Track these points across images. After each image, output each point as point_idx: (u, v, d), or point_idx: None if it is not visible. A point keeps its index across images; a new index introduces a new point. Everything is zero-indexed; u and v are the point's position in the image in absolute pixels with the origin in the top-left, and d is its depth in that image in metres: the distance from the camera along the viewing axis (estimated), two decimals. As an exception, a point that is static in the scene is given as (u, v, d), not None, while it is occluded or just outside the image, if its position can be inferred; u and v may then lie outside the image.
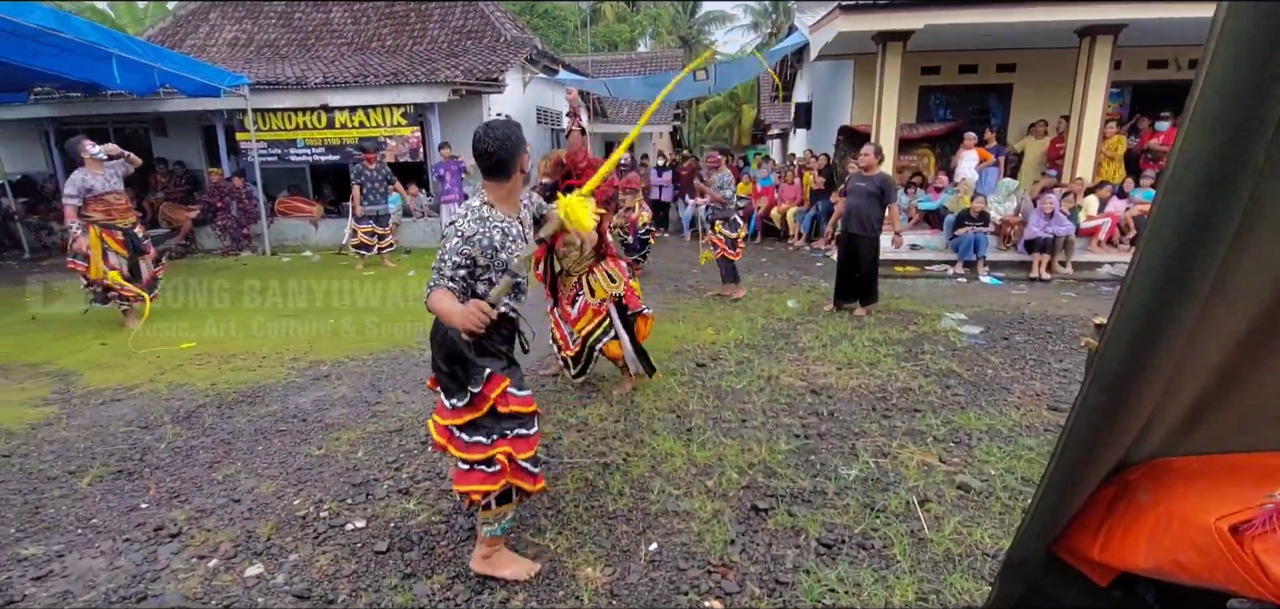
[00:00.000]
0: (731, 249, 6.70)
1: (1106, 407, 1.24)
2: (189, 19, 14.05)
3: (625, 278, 4.10)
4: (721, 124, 33.04)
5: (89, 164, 5.54)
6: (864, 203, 5.87)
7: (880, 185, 5.81)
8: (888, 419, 3.76)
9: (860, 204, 5.89)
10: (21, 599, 2.28)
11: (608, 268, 4.05)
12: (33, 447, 3.53)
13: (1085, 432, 1.28)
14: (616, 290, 4.02)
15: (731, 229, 6.70)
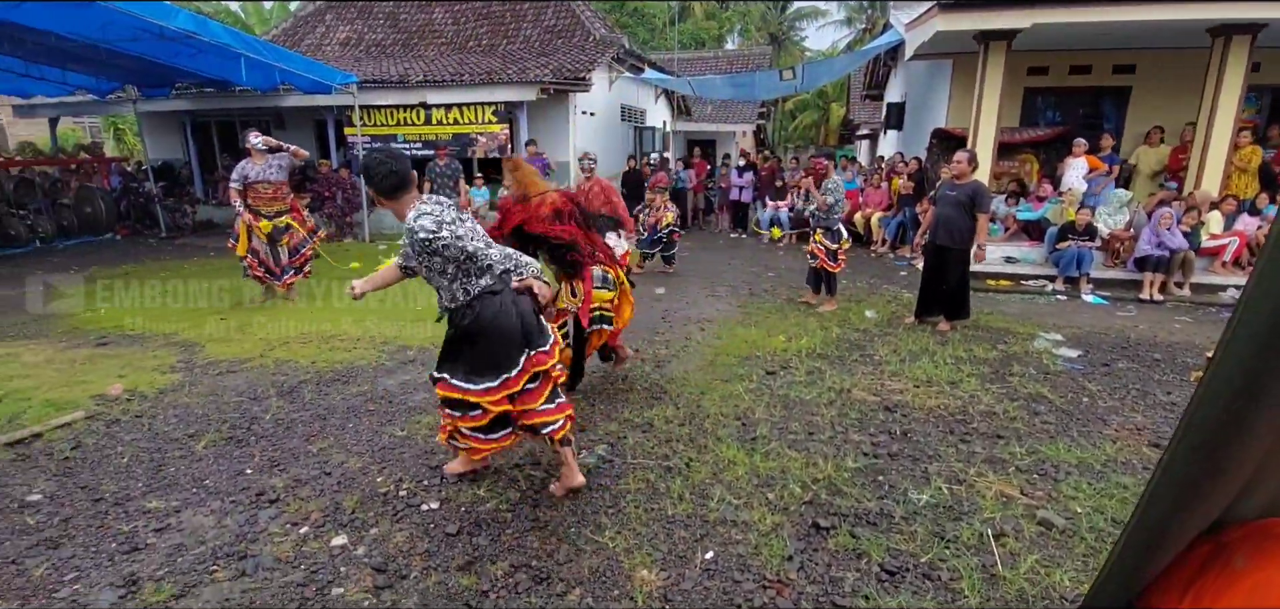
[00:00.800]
0: (831, 260, 6.43)
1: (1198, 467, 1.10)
2: (307, 20, 15.19)
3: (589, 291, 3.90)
4: (808, 123, 32.21)
5: (252, 154, 6.22)
6: (955, 212, 5.59)
7: (972, 194, 5.52)
8: (966, 444, 3.58)
9: (951, 213, 5.62)
10: (144, 547, 2.59)
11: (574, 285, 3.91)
12: (160, 410, 3.97)
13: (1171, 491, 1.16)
14: (574, 304, 3.92)
15: (832, 240, 6.40)
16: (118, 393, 4.17)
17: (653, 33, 28.51)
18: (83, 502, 2.92)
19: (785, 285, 7.80)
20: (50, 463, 3.28)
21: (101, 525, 2.74)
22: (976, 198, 5.51)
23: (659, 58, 18.90)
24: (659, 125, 16.85)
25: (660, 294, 7.39)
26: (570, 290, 3.91)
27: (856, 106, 21.08)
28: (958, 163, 5.68)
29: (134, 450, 3.42)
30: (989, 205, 5.63)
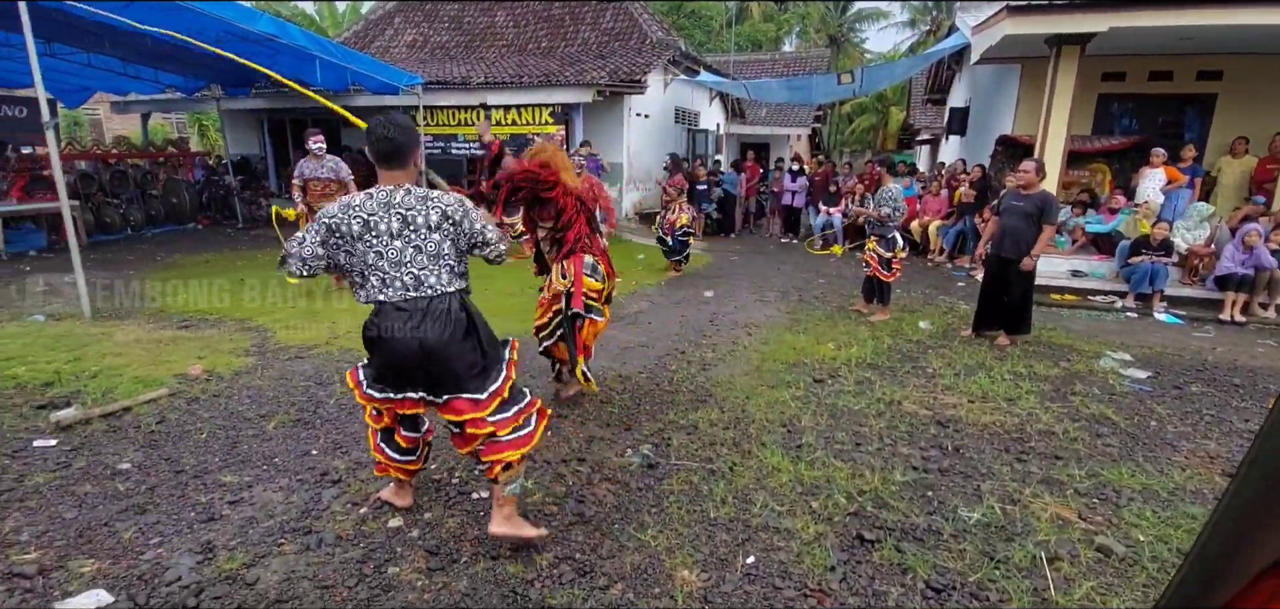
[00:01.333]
0: (885, 269, 6.30)
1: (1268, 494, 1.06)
2: (377, 23, 15.83)
3: (579, 275, 3.83)
4: (866, 127, 31.48)
5: (310, 154, 6.75)
6: (1021, 223, 5.40)
7: (1040, 205, 5.32)
8: (1022, 463, 3.47)
9: (1017, 224, 5.42)
10: (220, 518, 2.79)
11: (565, 264, 3.86)
12: (234, 390, 4.24)
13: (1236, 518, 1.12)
14: (565, 286, 3.85)
15: (886, 248, 6.27)
16: (197, 373, 4.47)
17: (709, 35, 28.43)
18: (166, 472, 3.16)
19: (836, 292, 7.68)
20: (138, 434, 3.55)
21: (182, 495, 2.96)
22: (1045, 209, 5.31)
23: (715, 60, 18.85)
24: (712, 128, 16.81)
25: (708, 297, 7.40)
26: (561, 272, 3.87)
27: (917, 111, 20.48)
28: (1024, 172, 5.48)
29: (211, 427, 3.67)
30: (1057, 217, 5.41)
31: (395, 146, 2.37)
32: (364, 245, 2.32)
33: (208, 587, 2.34)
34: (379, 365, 2.47)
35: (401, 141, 2.39)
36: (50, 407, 3.84)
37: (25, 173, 10.18)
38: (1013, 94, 10.03)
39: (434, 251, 2.36)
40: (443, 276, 2.38)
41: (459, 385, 2.40)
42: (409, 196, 2.36)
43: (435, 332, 2.33)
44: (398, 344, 2.34)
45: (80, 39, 8.63)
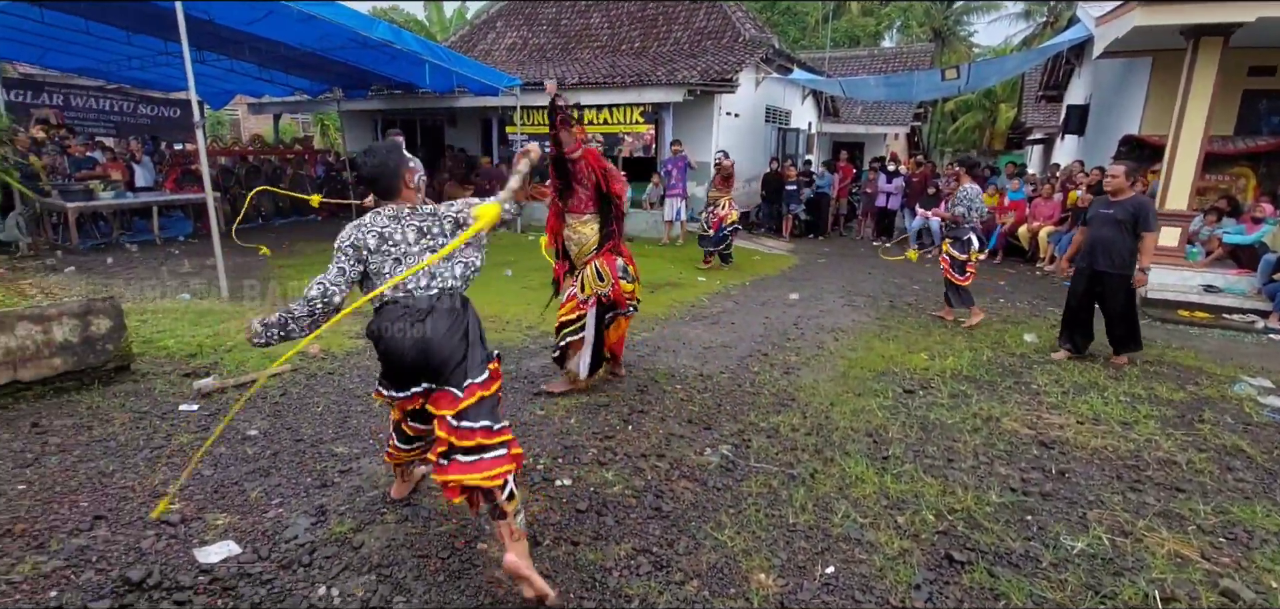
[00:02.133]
0: (958, 272, 6.16)
1: None
2: (481, 27, 16.61)
3: (615, 277, 4.04)
4: (971, 125, 29.66)
5: None
6: (1113, 233, 4.92)
7: (1135, 211, 4.83)
8: (1136, 493, 3.20)
9: (1109, 235, 4.94)
10: (331, 485, 3.06)
11: (600, 264, 4.04)
12: (346, 369, 4.61)
13: None
14: (603, 288, 4.02)
15: (960, 250, 6.14)
16: (315, 351, 4.89)
17: (804, 31, 27.75)
18: (287, 440, 3.49)
19: (932, 299, 7.33)
20: (265, 405, 3.95)
21: (300, 462, 3.27)
22: (1140, 215, 4.81)
23: (809, 57, 18.39)
24: (804, 127, 16.42)
25: (794, 299, 7.27)
26: (597, 274, 4.04)
27: (1029, 108, 19.09)
28: (1112, 176, 5.00)
29: (326, 401, 4.02)
30: (1156, 223, 4.88)
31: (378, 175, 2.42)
32: (380, 256, 2.38)
33: (320, 547, 2.58)
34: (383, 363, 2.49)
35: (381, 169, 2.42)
36: (194, 375, 4.33)
37: (177, 166, 11.45)
38: (1141, 90, 9.17)
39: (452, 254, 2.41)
40: (455, 270, 2.43)
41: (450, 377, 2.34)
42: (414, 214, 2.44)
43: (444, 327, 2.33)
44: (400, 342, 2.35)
45: (225, 47, 9.62)
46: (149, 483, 3.04)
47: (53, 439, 3.43)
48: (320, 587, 2.37)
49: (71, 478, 3.06)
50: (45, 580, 2.37)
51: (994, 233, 10.27)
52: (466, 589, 2.38)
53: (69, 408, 3.83)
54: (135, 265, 8.10)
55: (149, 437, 3.49)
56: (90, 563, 2.47)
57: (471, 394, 2.33)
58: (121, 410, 3.81)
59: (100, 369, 4.22)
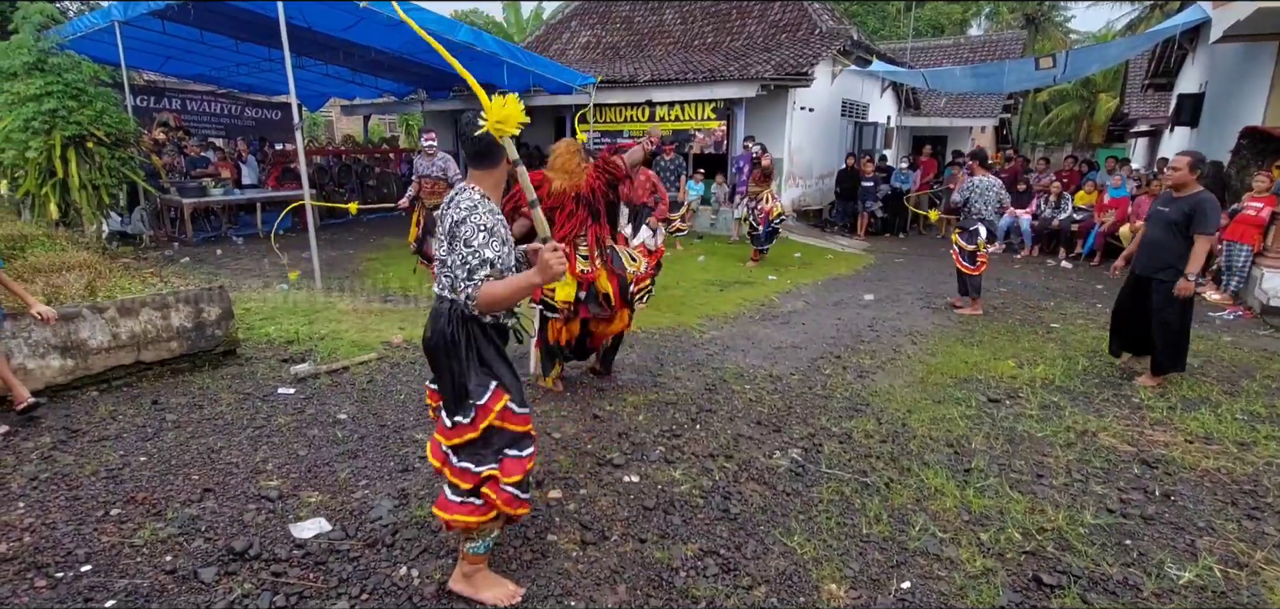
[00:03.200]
0: (969, 262, 6.27)
1: None
2: (556, 27, 16.93)
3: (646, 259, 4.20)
4: (1066, 117, 27.73)
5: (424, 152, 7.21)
6: (1164, 234, 4.36)
7: (1191, 210, 4.22)
8: (1254, 520, 2.92)
9: (1158, 236, 4.40)
10: (412, 470, 3.21)
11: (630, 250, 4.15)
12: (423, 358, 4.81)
13: None
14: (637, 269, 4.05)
15: (968, 240, 6.27)
16: (399, 341, 5.14)
17: (884, 21, 26.74)
18: (372, 425, 3.69)
19: (1021, 302, 6.93)
20: (353, 390, 4.18)
21: (385, 447, 3.45)
22: (1196, 214, 4.20)
23: (889, 47, 17.69)
24: (882, 120, 15.83)
25: (869, 300, 7.03)
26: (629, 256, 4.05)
27: (1134, 99, 17.65)
28: (1174, 170, 4.39)
29: (408, 390, 4.22)
30: (1213, 226, 4.21)
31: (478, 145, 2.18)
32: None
33: (402, 528, 2.72)
34: None
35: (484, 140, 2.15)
36: (291, 361, 4.65)
37: (279, 165, 12.30)
38: (1265, 78, 8.28)
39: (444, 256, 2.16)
40: (442, 281, 2.18)
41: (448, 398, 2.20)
42: (459, 195, 2.17)
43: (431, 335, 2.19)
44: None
45: (321, 53, 10.25)
46: (251, 460, 3.28)
47: (169, 416, 3.76)
48: (402, 567, 2.49)
49: (185, 452, 3.35)
50: (162, 546, 2.61)
51: (1092, 232, 9.57)
52: (538, 578, 2.44)
53: (183, 387, 4.18)
54: (241, 256, 8.77)
55: (252, 416, 3.77)
56: (200, 532, 2.70)
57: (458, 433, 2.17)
58: (228, 391, 4.14)
59: (210, 352, 4.60)
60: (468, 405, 2.14)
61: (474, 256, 2.03)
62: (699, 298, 6.90)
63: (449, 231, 2.11)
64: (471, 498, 2.18)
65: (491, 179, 2.23)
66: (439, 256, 2.19)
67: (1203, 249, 4.21)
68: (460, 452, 2.18)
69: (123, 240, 8.93)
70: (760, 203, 8.59)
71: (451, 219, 2.11)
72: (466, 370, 2.13)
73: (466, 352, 2.13)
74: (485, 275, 2.03)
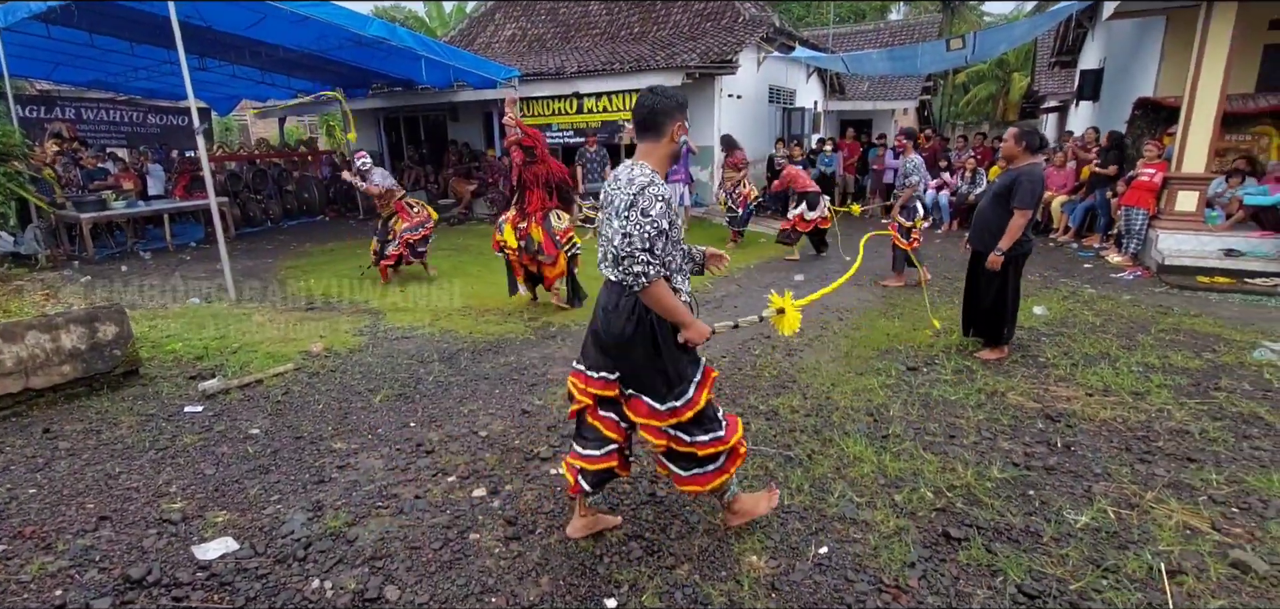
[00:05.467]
0: (906, 238, 6.49)
1: None
2: (479, 21, 16.56)
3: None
4: (983, 96, 29.10)
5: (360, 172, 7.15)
6: (989, 207, 4.38)
7: (1011, 183, 4.21)
8: (1146, 464, 3.13)
9: (985, 209, 4.44)
10: (329, 481, 3.08)
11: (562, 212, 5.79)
12: (348, 367, 4.64)
13: None
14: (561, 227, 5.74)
15: (907, 216, 6.47)
16: (319, 350, 4.93)
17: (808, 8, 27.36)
18: (287, 438, 3.52)
19: (939, 276, 7.22)
20: (267, 404, 3.98)
21: (299, 459, 3.29)
22: (1014, 187, 4.16)
23: (813, 34, 18.12)
24: (809, 106, 16.21)
25: (799, 281, 7.19)
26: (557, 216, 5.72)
27: (1043, 76, 18.68)
28: (1007, 140, 4.40)
29: (326, 399, 4.05)
30: (1029, 201, 4.11)
31: (644, 114, 2.18)
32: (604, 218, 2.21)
33: (315, 541, 2.60)
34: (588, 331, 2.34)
35: (649, 109, 2.17)
36: (199, 377, 4.39)
37: (187, 173, 11.59)
38: (1156, 51, 8.92)
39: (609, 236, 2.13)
40: (609, 263, 2.16)
41: (639, 386, 2.25)
42: (632, 171, 2.12)
43: (603, 321, 2.20)
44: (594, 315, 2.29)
45: (226, 53, 9.70)
46: (153, 483, 3.08)
47: (63, 444, 3.49)
48: (314, 580, 2.39)
49: (79, 480, 3.12)
50: (51, 580, 2.42)
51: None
52: (458, 579, 2.38)
53: (79, 413, 3.89)
54: (149, 272, 8.23)
55: (154, 438, 3.54)
56: (94, 562, 2.52)
57: (675, 415, 2.25)
58: (129, 414, 3.87)
59: (109, 374, 4.28)
60: (684, 385, 2.22)
61: (652, 227, 2.01)
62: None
63: (626, 205, 2.04)
64: (710, 465, 2.35)
65: (658, 154, 2.18)
66: (607, 235, 2.14)
67: (1017, 223, 4.13)
68: (692, 427, 2.27)
69: (15, 262, 8.24)
70: (739, 187, 9.07)
71: (625, 195, 2.06)
72: (675, 354, 2.19)
73: (667, 336, 2.16)
74: (663, 246, 2.04)
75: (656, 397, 2.23)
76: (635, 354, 2.19)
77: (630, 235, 2.01)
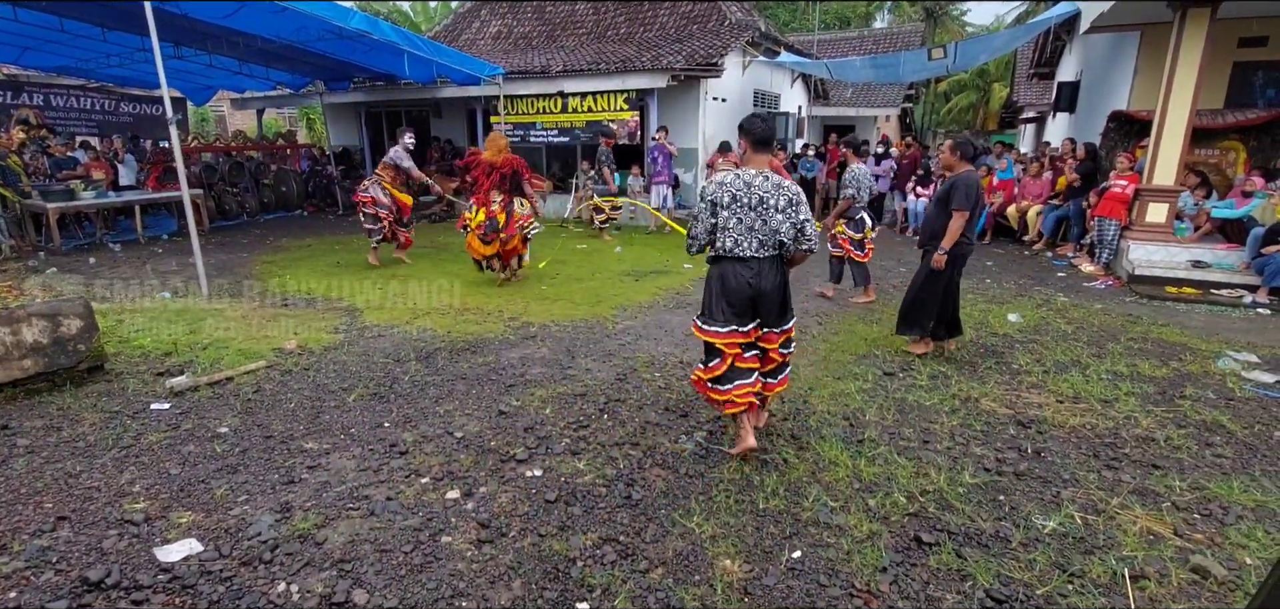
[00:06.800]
0: (858, 250, 6.26)
1: None
2: (464, 17, 16.42)
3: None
4: (964, 105, 29.56)
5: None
6: (932, 209, 4.69)
7: (949, 188, 4.49)
8: (1112, 470, 3.19)
9: (929, 211, 4.76)
10: (299, 481, 3.02)
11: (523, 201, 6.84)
12: (323, 364, 4.56)
13: None
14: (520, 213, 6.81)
15: (856, 229, 6.24)
16: (292, 347, 4.85)
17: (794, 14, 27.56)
18: (257, 437, 3.46)
19: (919, 282, 7.28)
20: (237, 402, 3.91)
21: (269, 459, 3.23)
22: (952, 192, 4.44)
23: (798, 40, 18.24)
24: (793, 111, 16.32)
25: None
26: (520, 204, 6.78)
27: (1021, 87, 18.99)
28: (941, 152, 4.77)
29: (299, 398, 3.98)
30: (965, 203, 4.36)
31: (763, 135, 3.13)
32: (728, 212, 3.05)
33: (282, 544, 2.55)
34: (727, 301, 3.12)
35: (768, 132, 3.15)
36: (167, 374, 4.29)
37: (160, 164, 11.34)
38: (1130, 65, 9.11)
39: (775, 227, 3.03)
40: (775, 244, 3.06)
41: (772, 321, 3.17)
42: (766, 182, 3.04)
43: (768, 281, 3.08)
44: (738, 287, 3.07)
45: (202, 41, 9.49)
46: (115, 482, 3.00)
47: (21, 441, 3.39)
48: (280, 583, 2.34)
49: (38, 479, 3.03)
50: (5, 582, 2.34)
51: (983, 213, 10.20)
52: (428, 582, 2.35)
53: (40, 409, 3.78)
54: (118, 264, 8.04)
55: (118, 436, 3.45)
56: (50, 564, 2.44)
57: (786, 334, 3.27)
58: (92, 411, 3.77)
59: (72, 370, 4.17)
60: (790, 312, 3.25)
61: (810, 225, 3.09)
62: (614, 289, 6.88)
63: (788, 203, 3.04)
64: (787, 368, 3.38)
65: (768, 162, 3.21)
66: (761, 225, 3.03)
67: (955, 225, 4.39)
68: (789, 342, 3.31)
69: (-25, 251, 8.00)
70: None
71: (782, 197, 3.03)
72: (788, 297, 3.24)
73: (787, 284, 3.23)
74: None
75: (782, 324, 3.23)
76: (775, 300, 3.13)
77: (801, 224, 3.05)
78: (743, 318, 3.12)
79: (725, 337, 3.11)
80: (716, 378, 3.17)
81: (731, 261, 3.08)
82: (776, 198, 3.02)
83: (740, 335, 3.11)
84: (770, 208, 3.02)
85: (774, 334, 3.20)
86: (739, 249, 3.04)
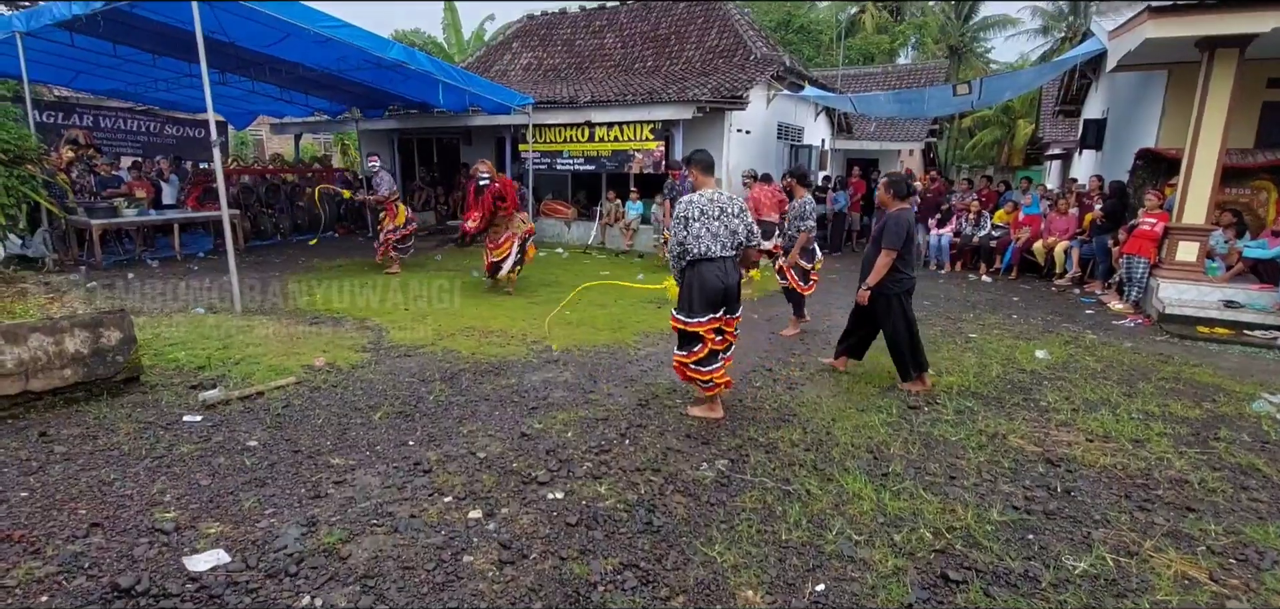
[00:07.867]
0: (803, 282, 6.26)
1: None
2: (497, 49, 16.85)
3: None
4: (988, 141, 29.39)
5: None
6: (871, 249, 4.81)
7: (882, 227, 4.65)
8: (1145, 512, 3.11)
9: (868, 251, 4.85)
10: (325, 496, 3.07)
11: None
12: (350, 382, 4.64)
13: None
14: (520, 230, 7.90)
15: (808, 260, 6.24)
16: (321, 365, 4.95)
17: (818, 49, 27.78)
18: (285, 451, 3.52)
19: (943, 316, 7.23)
20: (267, 416, 3.99)
21: (296, 473, 3.29)
22: (883, 231, 4.61)
23: (823, 75, 18.38)
24: (817, 144, 16.38)
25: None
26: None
27: (1047, 124, 18.87)
28: (879, 190, 4.90)
29: (327, 414, 4.05)
30: (895, 242, 4.53)
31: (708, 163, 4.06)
32: (699, 223, 3.84)
33: (308, 557, 2.59)
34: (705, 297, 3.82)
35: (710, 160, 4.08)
36: (200, 387, 4.40)
37: (200, 185, 11.72)
38: (1157, 104, 9.03)
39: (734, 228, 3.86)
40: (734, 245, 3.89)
41: (733, 308, 3.94)
42: (721, 197, 3.92)
43: (732, 277, 3.87)
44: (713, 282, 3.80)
45: (247, 69, 9.88)
46: (147, 491, 3.08)
47: (58, 448, 3.49)
48: (304, 596, 2.37)
49: (73, 486, 3.11)
50: (37, 586, 2.40)
51: (1009, 248, 10.12)
52: (450, 601, 2.37)
53: (77, 418, 3.90)
54: (156, 280, 8.29)
55: (151, 446, 3.54)
56: (82, 569, 2.50)
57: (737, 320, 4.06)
58: (127, 421, 3.88)
59: (110, 380, 4.30)
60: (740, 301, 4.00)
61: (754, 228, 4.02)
62: (637, 316, 6.92)
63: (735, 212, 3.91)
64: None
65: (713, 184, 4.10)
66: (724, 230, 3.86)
67: (882, 262, 4.57)
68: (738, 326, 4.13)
69: (22, 264, 8.31)
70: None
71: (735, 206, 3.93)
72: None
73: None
74: None
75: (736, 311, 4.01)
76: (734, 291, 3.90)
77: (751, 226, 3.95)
78: (716, 307, 3.85)
79: (705, 324, 3.82)
80: (700, 360, 3.90)
81: (706, 263, 3.81)
82: (730, 207, 3.89)
83: (715, 321, 3.85)
84: (729, 215, 3.86)
85: (732, 319, 3.98)
86: (711, 252, 3.80)
